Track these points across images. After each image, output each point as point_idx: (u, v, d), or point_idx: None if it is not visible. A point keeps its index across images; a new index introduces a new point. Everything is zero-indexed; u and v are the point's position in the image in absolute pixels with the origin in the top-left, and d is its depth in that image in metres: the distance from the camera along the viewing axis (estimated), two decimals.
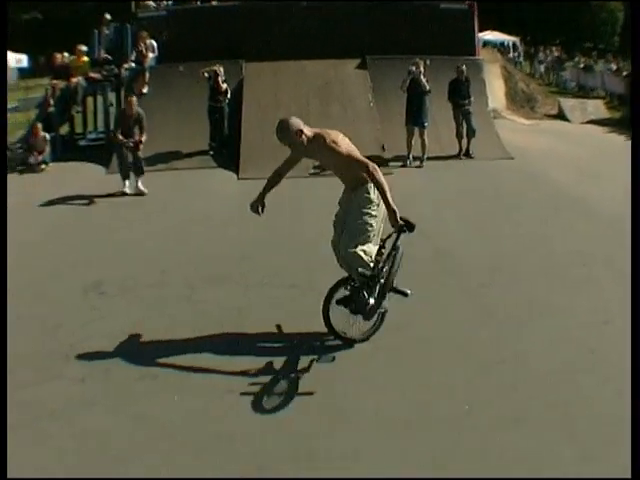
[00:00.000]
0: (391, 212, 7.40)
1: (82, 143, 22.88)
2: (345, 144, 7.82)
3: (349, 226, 7.82)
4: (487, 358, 7.79)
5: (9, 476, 5.38)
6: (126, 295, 9.97)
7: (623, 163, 19.73)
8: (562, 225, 13.16)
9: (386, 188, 7.38)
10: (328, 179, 9.67)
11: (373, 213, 7.69)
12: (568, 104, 32.01)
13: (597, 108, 32.32)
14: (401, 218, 7.44)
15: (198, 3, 23.15)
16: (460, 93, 19.65)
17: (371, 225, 7.71)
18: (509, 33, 48.30)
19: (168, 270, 10.85)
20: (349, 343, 7.93)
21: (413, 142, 18.99)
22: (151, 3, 22.99)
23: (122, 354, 8.00)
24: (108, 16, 23.97)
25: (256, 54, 20.85)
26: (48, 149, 20.01)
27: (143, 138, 16.36)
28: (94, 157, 20.35)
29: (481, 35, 29.29)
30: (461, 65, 19.80)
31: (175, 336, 8.46)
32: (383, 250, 7.79)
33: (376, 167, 7.50)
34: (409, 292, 7.90)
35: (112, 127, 18.38)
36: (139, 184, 16.35)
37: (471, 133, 19.67)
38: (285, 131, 7.97)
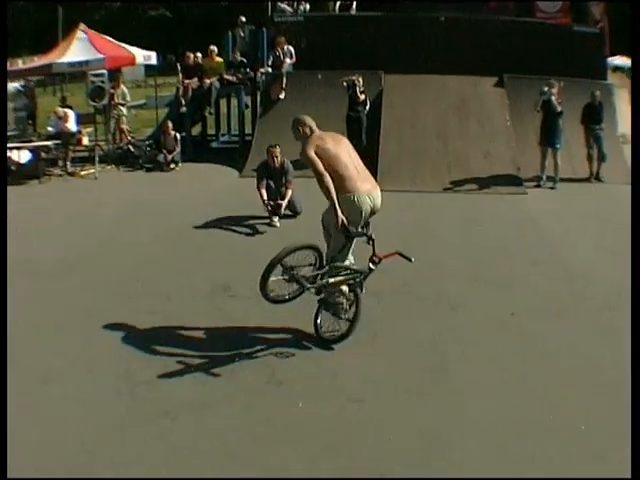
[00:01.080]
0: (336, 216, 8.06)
1: (214, 145, 23.52)
2: (312, 150, 8.37)
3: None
4: None
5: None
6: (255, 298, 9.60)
7: None
8: None
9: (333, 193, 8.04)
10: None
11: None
12: None
13: None
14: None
15: (337, 11, 23.72)
16: (593, 118, 19.87)
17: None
18: None
19: None
20: None
21: (547, 163, 19.20)
22: (287, 7, 23.51)
23: (247, 358, 8.14)
24: (243, 18, 24.62)
25: (395, 66, 21.12)
26: (178, 149, 20.68)
27: (289, 193, 15.00)
28: (226, 159, 20.95)
29: (611, 59, 29.42)
30: (595, 90, 20.00)
31: (301, 341, 8.60)
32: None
33: (325, 176, 8.09)
34: None
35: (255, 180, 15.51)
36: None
37: (602, 157, 19.86)
38: (296, 127, 9.01)
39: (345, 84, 19.98)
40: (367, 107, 20.04)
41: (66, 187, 18.73)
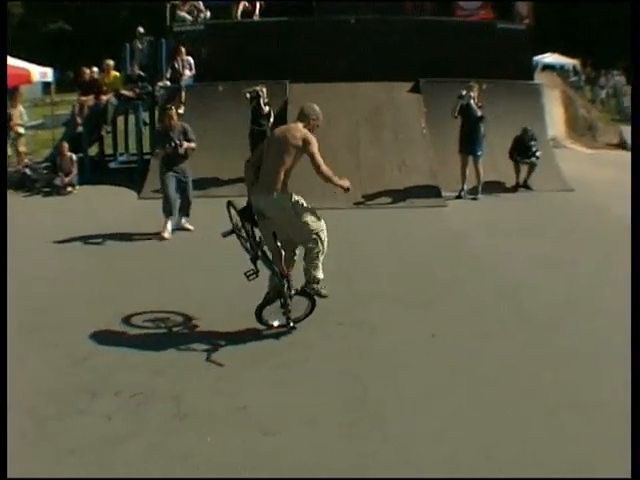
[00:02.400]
0: None
1: (112, 165, 23.01)
2: None
3: None
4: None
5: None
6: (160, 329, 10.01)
7: None
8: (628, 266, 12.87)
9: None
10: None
11: None
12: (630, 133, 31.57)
13: None
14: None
15: (238, 18, 22.81)
16: (524, 153, 19.44)
17: None
18: (572, 55, 47.89)
19: (206, 305, 10.71)
20: None
21: (467, 172, 18.78)
22: (187, 16, 22.72)
23: (154, 390, 7.97)
24: (141, 29, 23.96)
25: (302, 74, 20.59)
26: (75, 171, 20.08)
27: (193, 145, 15.28)
28: (125, 181, 20.49)
29: (540, 57, 29.01)
30: (527, 125, 19.59)
31: (209, 372, 8.44)
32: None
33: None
34: None
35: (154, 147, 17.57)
36: (183, 221, 15.66)
37: (532, 166, 19.49)
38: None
39: (248, 96, 19.35)
40: (272, 120, 19.39)
41: None
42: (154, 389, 7.99)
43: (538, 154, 19.38)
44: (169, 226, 15.15)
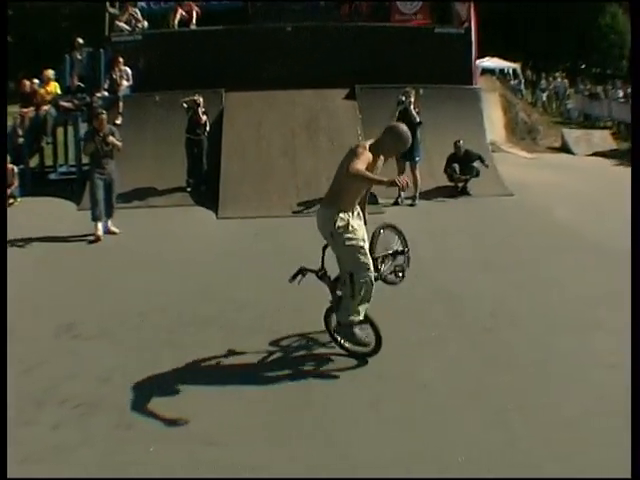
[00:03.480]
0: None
1: (52, 177, 22.93)
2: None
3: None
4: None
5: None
6: (104, 338, 10.00)
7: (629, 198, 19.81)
8: (567, 267, 13.14)
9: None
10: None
11: None
12: (572, 135, 32.29)
13: (604, 139, 32.60)
14: None
15: (175, 27, 22.96)
16: (462, 170, 19.63)
17: None
18: (512, 59, 48.35)
19: (144, 313, 10.86)
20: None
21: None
22: (125, 26, 22.76)
23: (98, 400, 7.98)
24: (81, 40, 23.89)
25: (238, 83, 20.71)
26: (17, 183, 19.95)
27: (119, 143, 15.73)
28: (65, 192, 20.36)
29: (479, 62, 29.30)
30: (459, 140, 19.71)
31: (153, 382, 8.48)
32: None
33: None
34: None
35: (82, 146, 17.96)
36: (109, 224, 16.10)
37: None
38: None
39: (185, 105, 19.51)
40: (208, 129, 19.64)
41: None
42: (99, 399, 8.01)
43: (478, 168, 19.49)
44: (100, 226, 15.75)
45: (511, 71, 48.18)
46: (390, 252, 9.61)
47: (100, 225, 15.88)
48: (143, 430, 7.33)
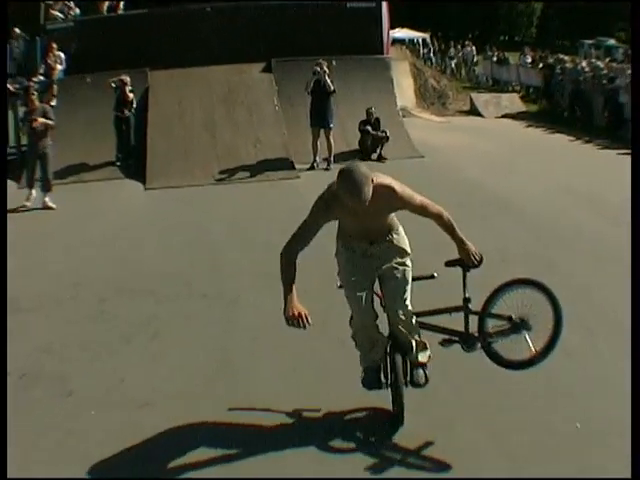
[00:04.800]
0: (469, 249, 6.43)
1: None
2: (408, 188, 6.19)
3: (396, 280, 6.27)
4: None
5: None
6: (43, 311, 9.97)
7: (539, 157, 20.07)
8: (477, 223, 12.92)
9: (458, 229, 6.44)
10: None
11: (409, 264, 6.37)
12: (481, 99, 32.40)
13: (512, 102, 32.70)
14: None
15: (104, 12, 22.93)
16: (373, 132, 19.82)
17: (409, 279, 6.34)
18: (422, 30, 48.62)
19: (80, 285, 10.82)
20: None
21: (319, 144, 19.05)
22: (59, 14, 22.69)
23: (40, 371, 7.99)
24: (17, 30, 23.98)
25: (161, 62, 20.72)
26: None
27: (50, 122, 15.92)
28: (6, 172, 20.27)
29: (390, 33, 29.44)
30: (370, 107, 19.89)
31: (88, 351, 8.46)
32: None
33: (443, 210, 6.42)
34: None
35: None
36: (46, 199, 16.11)
37: (384, 138, 19.78)
38: (366, 183, 5.59)
39: (113, 85, 19.52)
40: (134, 106, 19.66)
41: None
42: (40, 369, 8.01)
43: (385, 130, 19.66)
44: (32, 197, 15.95)
45: (421, 41, 48.28)
46: (513, 322, 6.30)
47: (34, 193, 16.02)
48: (83, 396, 7.33)
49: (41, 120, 15.74)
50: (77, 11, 23.20)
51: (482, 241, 11.67)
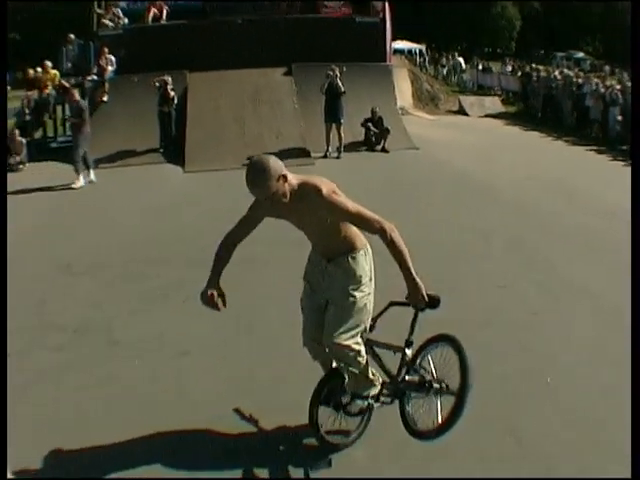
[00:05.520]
0: (415, 287, 4.85)
1: (53, 145, 23.13)
2: (344, 196, 4.95)
3: (335, 308, 5.12)
4: None
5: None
6: (93, 274, 10.16)
7: (515, 150, 20.86)
8: (461, 204, 13.74)
9: (408, 258, 4.85)
10: None
11: (366, 290, 5.13)
12: (467, 101, 32.99)
13: (494, 104, 33.36)
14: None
15: (149, 23, 23.59)
16: (374, 125, 20.50)
17: (365, 306, 5.11)
18: (417, 41, 49.31)
19: (124, 251, 11.14)
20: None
21: (331, 136, 19.61)
22: (109, 23, 23.30)
23: (89, 325, 8.19)
24: (72, 36, 24.50)
25: (198, 65, 21.21)
26: (25, 151, 20.42)
27: (74, 120, 17.21)
28: (63, 157, 20.63)
29: (392, 44, 30.06)
30: (375, 107, 20.52)
31: (130, 307, 8.69)
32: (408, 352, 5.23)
33: (393, 227, 4.90)
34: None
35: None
36: (91, 175, 17.14)
37: (386, 131, 20.36)
38: (262, 176, 4.61)
39: (157, 84, 20.06)
40: (175, 102, 20.16)
41: None
42: (91, 324, 8.16)
43: (387, 126, 20.26)
44: (80, 179, 16.87)
45: (417, 51, 48.51)
46: (431, 383, 5.16)
47: (81, 177, 16.89)
48: (127, 347, 7.54)
49: (71, 120, 17.33)
50: (125, 20, 23.60)
51: (465, 219, 12.34)
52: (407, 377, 5.23)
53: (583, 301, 8.47)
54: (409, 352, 5.19)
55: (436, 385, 5.09)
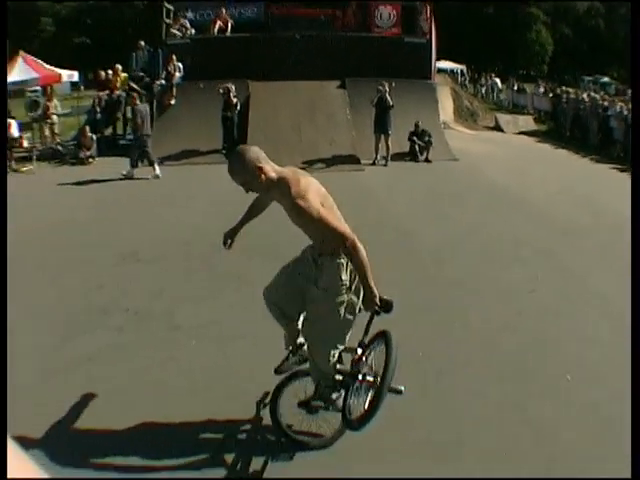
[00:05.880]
0: (371, 294, 4.87)
1: (122, 142, 23.85)
2: (316, 201, 4.79)
3: (316, 318, 5.14)
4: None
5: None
6: (154, 263, 10.39)
7: (545, 165, 21.35)
8: (495, 212, 14.03)
9: (367, 269, 4.78)
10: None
11: (344, 297, 4.97)
12: (503, 118, 33.24)
13: (527, 122, 33.63)
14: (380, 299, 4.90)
15: (214, 34, 24.13)
16: (418, 137, 20.88)
17: (343, 314, 5.00)
18: (459, 62, 49.90)
19: (188, 243, 11.37)
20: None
21: (380, 146, 20.03)
22: (177, 32, 23.82)
23: (152, 309, 8.35)
24: (142, 42, 25.31)
25: (260, 75, 21.80)
26: (94, 146, 21.10)
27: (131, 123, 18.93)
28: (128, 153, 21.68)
29: (437, 63, 30.63)
30: (418, 120, 20.85)
31: (190, 294, 8.87)
32: (359, 350, 5.26)
33: (356, 241, 4.74)
34: (403, 389, 5.20)
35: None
36: (157, 170, 18.06)
37: (429, 143, 20.75)
38: (237, 165, 4.86)
39: (221, 91, 20.59)
40: (238, 108, 20.62)
41: (10, 180, 19.51)
42: (152, 308, 8.34)
43: (429, 138, 20.65)
44: (132, 171, 18.10)
45: (459, 71, 49.11)
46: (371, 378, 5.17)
47: (133, 170, 18.09)
48: (186, 330, 7.70)
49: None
50: (192, 31, 24.18)
51: (496, 226, 12.59)
52: (354, 371, 5.23)
53: (601, 307, 8.63)
54: (359, 351, 5.22)
55: (369, 378, 5.11)
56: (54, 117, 24.10)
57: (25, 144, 22.49)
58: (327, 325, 5.04)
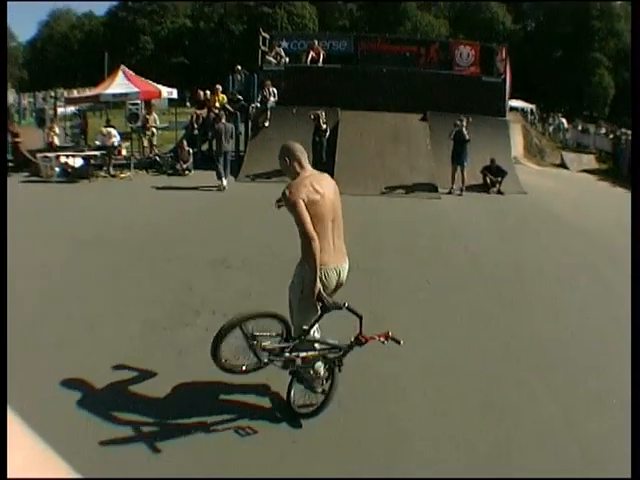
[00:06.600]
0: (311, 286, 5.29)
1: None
2: (301, 192, 5.22)
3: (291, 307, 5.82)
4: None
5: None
6: (243, 269, 10.45)
7: (604, 201, 21.34)
8: (556, 240, 14.08)
9: (313, 265, 5.22)
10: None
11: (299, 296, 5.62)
12: (568, 157, 33.23)
13: (589, 160, 33.50)
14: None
15: (307, 63, 24.59)
16: (492, 174, 20.88)
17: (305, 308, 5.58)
18: (530, 101, 49.82)
19: (273, 252, 11.22)
20: None
21: (456, 176, 20.16)
22: (272, 59, 24.26)
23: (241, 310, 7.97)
24: (239, 67, 25.73)
25: (348, 104, 22.13)
26: (191, 160, 21.60)
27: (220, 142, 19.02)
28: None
29: (509, 102, 30.62)
30: (492, 156, 20.84)
31: (279, 299, 8.13)
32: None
33: (316, 245, 5.17)
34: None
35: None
36: (224, 182, 18.87)
37: (502, 175, 20.76)
38: (280, 152, 5.66)
39: (312, 117, 20.84)
40: (327, 134, 20.84)
41: (109, 185, 19.87)
42: (240, 309, 7.73)
43: (502, 174, 20.63)
44: (224, 181, 18.85)
45: (529, 109, 48.81)
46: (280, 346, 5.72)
47: (224, 181, 18.76)
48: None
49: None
50: (287, 59, 24.68)
51: (555, 253, 12.61)
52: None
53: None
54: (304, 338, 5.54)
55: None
56: (153, 129, 24.52)
57: (124, 152, 23.02)
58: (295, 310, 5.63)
